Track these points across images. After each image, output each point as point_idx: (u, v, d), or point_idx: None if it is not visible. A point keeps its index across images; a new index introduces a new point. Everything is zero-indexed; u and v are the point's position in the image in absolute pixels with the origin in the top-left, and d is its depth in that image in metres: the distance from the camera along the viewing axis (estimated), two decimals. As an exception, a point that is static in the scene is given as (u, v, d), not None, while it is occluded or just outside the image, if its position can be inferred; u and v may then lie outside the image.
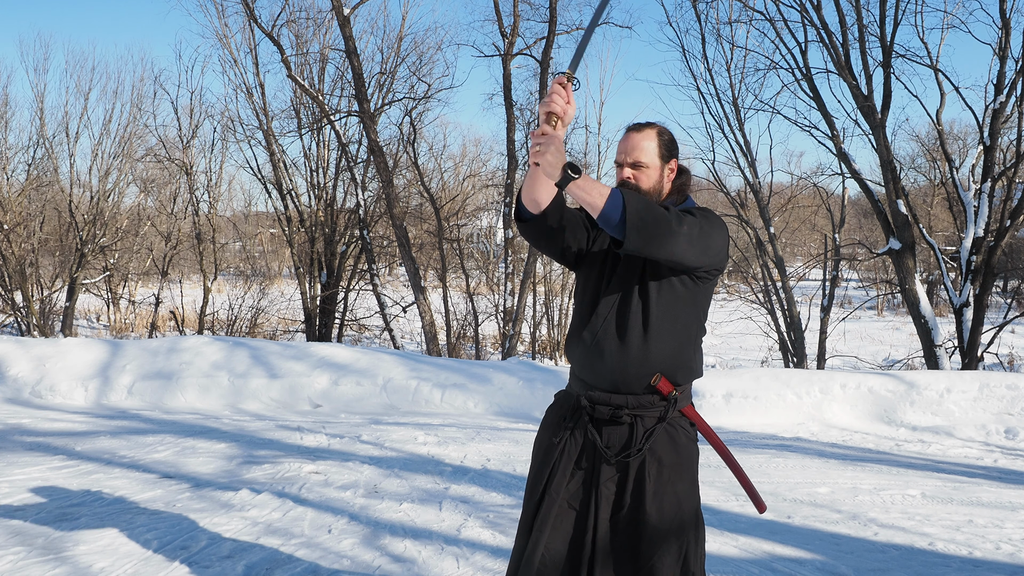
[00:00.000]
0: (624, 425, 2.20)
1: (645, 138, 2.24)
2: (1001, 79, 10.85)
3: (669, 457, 2.19)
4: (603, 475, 2.19)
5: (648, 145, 2.23)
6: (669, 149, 2.27)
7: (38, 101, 17.05)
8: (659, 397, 2.20)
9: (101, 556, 3.47)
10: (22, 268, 15.33)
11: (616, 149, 2.30)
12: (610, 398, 2.21)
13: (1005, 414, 6.96)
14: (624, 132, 2.28)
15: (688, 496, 2.20)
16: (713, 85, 14.24)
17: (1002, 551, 3.85)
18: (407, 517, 4.15)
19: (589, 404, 2.23)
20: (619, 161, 2.26)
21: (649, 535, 2.15)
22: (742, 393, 7.25)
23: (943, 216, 23.03)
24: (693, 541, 2.20)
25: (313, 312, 15.52)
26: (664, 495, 2.17)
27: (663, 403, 2.20)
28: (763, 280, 14.62)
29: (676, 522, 2.17)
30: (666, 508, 2.17)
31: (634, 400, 2.19)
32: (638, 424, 2.18)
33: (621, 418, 2.19)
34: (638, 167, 2.23)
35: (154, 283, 20.97)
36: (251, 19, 13.93)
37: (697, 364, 2.26)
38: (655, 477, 2.17)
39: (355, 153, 15.45)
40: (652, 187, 2.25)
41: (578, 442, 2.24)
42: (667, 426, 2.20)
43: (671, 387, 2.19)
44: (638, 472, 2.17)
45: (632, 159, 2.23)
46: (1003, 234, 10.62)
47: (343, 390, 7.56)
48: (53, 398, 7.47)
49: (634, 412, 2.19)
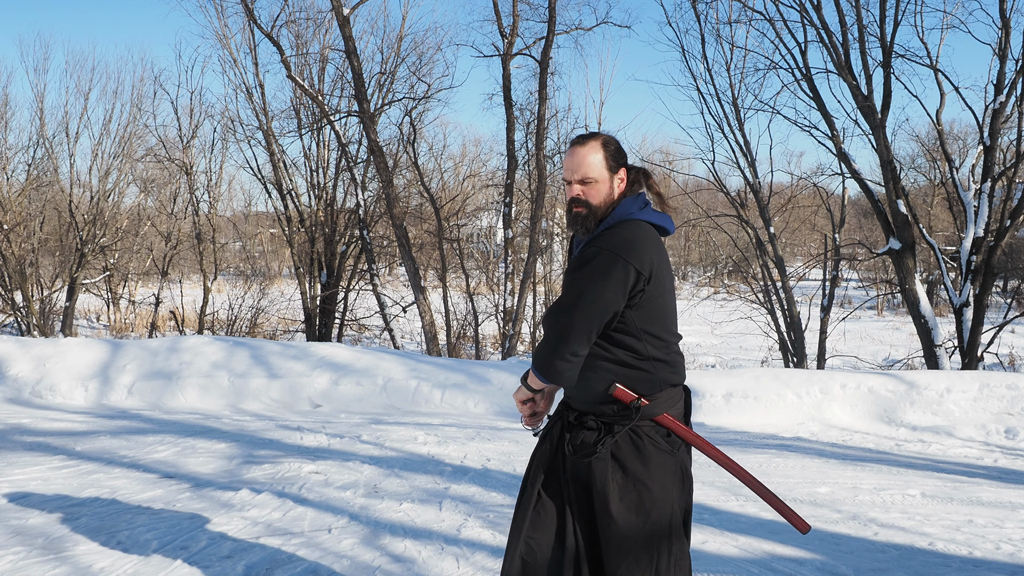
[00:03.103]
0: (592, 430, 2.24)
1: (590, 152, 2.24)
2: (1001, 79, 10.85)
3: (634, 466, 2.19)
4: (572, 478, 2.25)
5: (594, 159, 2.24)
6: (616, 159, 2.28)
7: (38, 101, 17.08)
8: (621, 406, 2.21)
9: (101, 556, 3.47)
10: (22, 268, 15.33)
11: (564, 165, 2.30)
12: (581, 406, 2.29)
13: (1005, 414, 6.96)
14: (568, 147, 2.29)
15: (657, 506, 2.18)
16: (713, 85, 14.24)
17: (1002, 551, 3.85)
18: (407, 517, 4.15)
19: (566, 408, 2.33)
20: (567, 179, 2.27)
21: (616, 543, 2.16)
22: (742, 393, 7.25)
23: (943, 216, 23.03)
24: (666, 554, 2.18)
25: (313, 312, 15.52)
26: (629, 504, 2.17)
27: (626, 411, 2.21)
28: (763, 280, 14.62)
29: (644, 533, 2.16)
30: (632, 517, 2.16)
31: (598, 410, 2.25)
32: (603, 430, 2.23)
33: (587, 423, 2.25)
34: (586, 183, 2.25)
35: (154, 283, 20.97)
36: (251, 19, 13.93)
37: (664, 373, 2.24)
38: (620, 485, 2.18)
39: (355, 153, 15.45)
40: (602, 200, 2.26)
41: (554, 445, 2.32)
42: (632, 435, 2.20)
43: (631, 396, 2.20)
44: (601, 477, 2.19)
45: (580, 175, 2.24)
46: (1003, 234, 10.62)
47: (343, 390, 7.56)
48: (53, 398, 7.47)
49: (601, 419, 2.24)
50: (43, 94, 18.82)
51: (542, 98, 13.29)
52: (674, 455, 2.24)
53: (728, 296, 26.73)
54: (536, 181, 13.75)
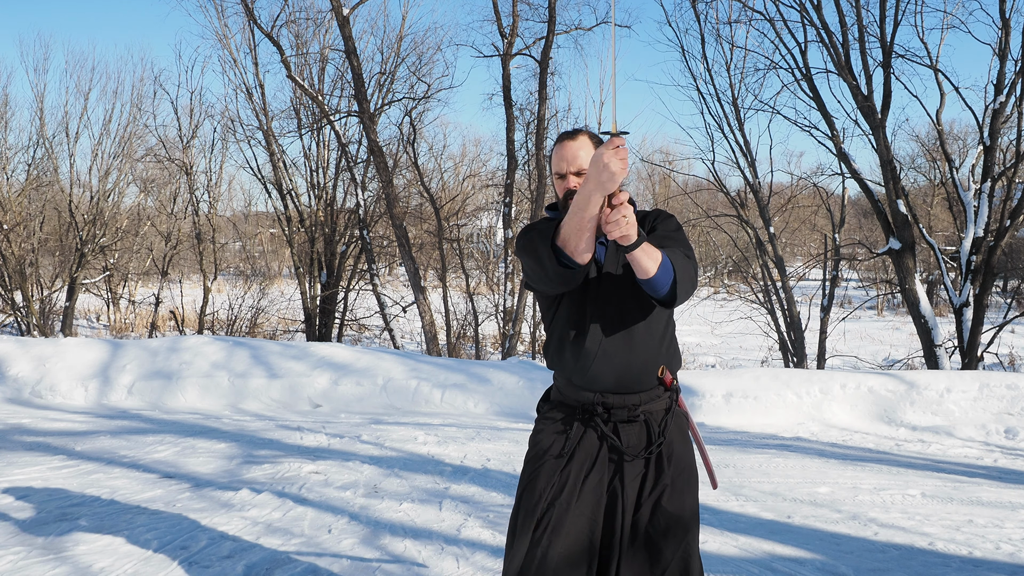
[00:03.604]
0: (638, 423, 2.25)
1: (582, 146, 2.26)
2: (1001, 79, 10.85)
3: (680, 447, 2.28)
4: (627, 475, 2.23)
5: (585, 153, 2.25)
6: None
7: (38, 101, 17.08)
8: (664, 388, 2.29)
9: (101, 556, 3.47)
10: (22, 268, 15.33)
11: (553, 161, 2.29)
12: (624, 399, 2.24)
13: (1005, 414, 6.96)
14: (556, 142, 2.29)
15: (695, 487, 2.30)
16: (713, 85, 14.24)
17: (1002, 551, 3.85)
18: (407, 517, 4.15)
19: (603, 408, 2.24)
20: (561, 172, 2.25)
21: (673, 524, 2.22)
22: (742, 393, 7.25)
23: (943, 216, 23.02)
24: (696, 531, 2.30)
25: (313, 312, 15.52)
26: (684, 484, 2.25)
27: (668, 394, 2.29)
28: (763, 280, 14.62)
29: (692, 513, 2.26)
30: (686, 500, 2.25)
31: (645, 396, 2.26)
32: (651, 421, 2.25)
33: (637, 416, 2.25)
34: (582, 174, 2.25)
35: (154, 283, 20.97)
36: (250, 20, 13.93)
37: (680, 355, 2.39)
38: (675, 466, 2.25)
39: (355, 153, 15.45)
40: None
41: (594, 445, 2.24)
42: (676, 417, 2.30)
43: (672, 378, 2.29)
44: (657, 465, 2.24)
45: (576, 167, 2.25)
46: (1003, 234, 10.62)
47: (343, 390, 7.56)
48: (53, 398, 7.47)
49: (646, 408, 2.26)
50: (43, 94, 18.84)
51: (542, 98, 13.29)
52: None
53: (728, 296, 26.73)
54: (536, 181, 13.76)
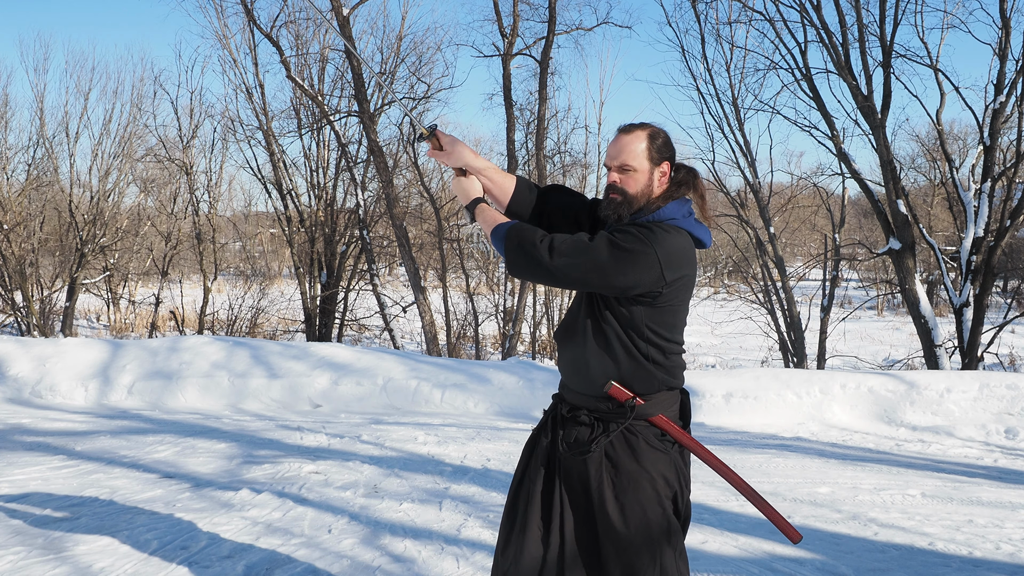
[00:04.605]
0: (585, 426, 2.23)
1: (634, 140, 2.22)
2: (1001, 79, 10.85)
3: (628, 464, 2.18)
4: (565, 475, 2.24)
5: (636, 148, 2.21)
6: (661, 151, 2.23)
7: (38, 101, 17.07)
8: (615, 404, 2.20)
9: (101, 556, 3.47)
10: (22, 268, 15.33)
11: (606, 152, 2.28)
12: (576, 399, 2.28)
13: (1005, 414, 6.96)
14: (615, 134, 2.27)
15: (652, 504, 2.17)
16: (713, 85, 14.25)
17: (1002, 551, 3.84)
18: (407, 517, 4.15)
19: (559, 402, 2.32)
20: (607, 164, 2.26)
21: (615, 542, 2.16)
22: (742, 393, 7.25)
23: (943, 216, 23.02)
24: (670, 551, 2.17)
25: (313, 312, 15.52)
26: (625, 502, 2.16)
27: (620, 409, 2.20)
28: (763, 280, 14.62)
29: (643, 531, 2.15)
30: (629, 516, 2.16)
31: (593, 404, 2.24)
32: (597, 426, 2.22)
33: (580, 417, 2.24)
34: (625, 171, 2.22)
35: (154, 283, 20.98)
36: (250, 20, 13.93)
37: (661, 376, 2.22)
38: (614, 483, 2.18)
39: (355, 153, 15.45)
40: (640, 191, 2.22)
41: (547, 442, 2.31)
42: (627, 433, 2.19)
43: (627, 395, 2.19)
44: (596, 476, 2.19)
45: (619, 162, 2.22)
46: (1003, 234, 10.62)
47: (343, 390, 7.56)
48: (53, 398, 7.47)
49: (594, 415, 2.23)
50: (43, 94, 18.80)
51: (542, 98, 13.29)
52: (668, 453, 2.22)
53: (728, 296, 26.73)
54: (536, 181, 13.75)
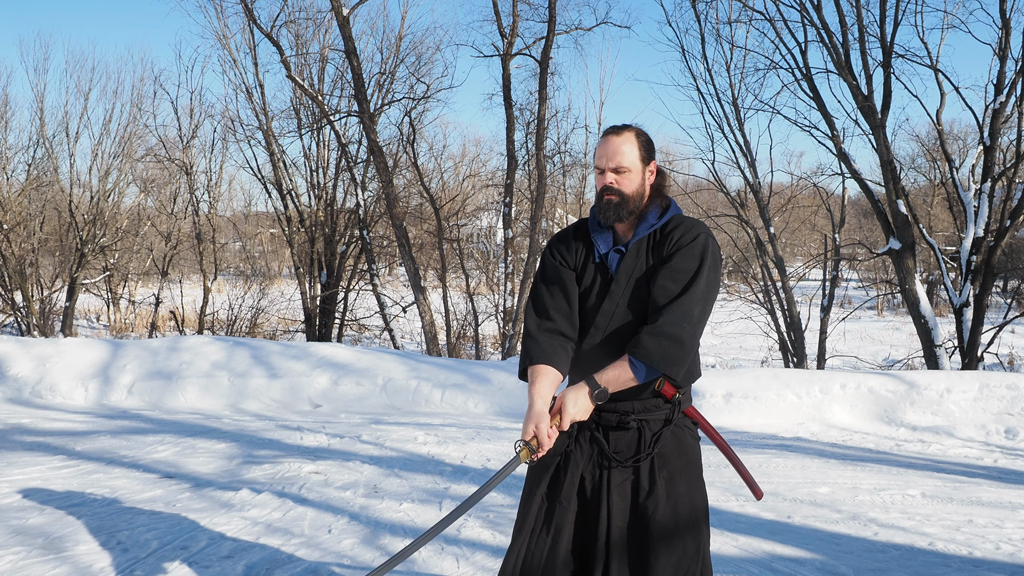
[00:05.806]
0: (631, 430, 2.21)
1: (625, 141, 2.23)
2: (1001, 79, 10.84)
3: (677, 459, 2.22)
4: (613, 481, 2.20)
5: (629, 149, 2.22)
6: (648, 151, 2.28)
7: (38, 101, 17.05)
8: (663, 400, 2.23)
9: (101, 556, 3.47)
10: (22, 268, 15.33)
11: (596, 155, 2.27)
12: (616, 405, 2.22)
13: (1005, 414, 6.96)
14: (602, 136, 2.27)
15: (698, 493, 2.24)
16: (713, 85, 14.23)
17: (1002, 551, 3.85)
18: (407, 517, 4.15)
19: (595, 412, 2.22)
20: (600, 166, 2.25)
21: (667, 536, 2.16)
22: (742, 393, 7.25)
23: (943, 216, 23.01)
24: (706, 533, 2.24)
25: (313, 312, 15.52)
26: (678, 497, 2.19)
27: (668, 406, 2.23)
28: (763, 280, 14.61)
29: (691, 520, 2.20)
30: (681, 510, 2.19)
31: (639, 405, 2.22)
32: (645, 429, 2.21)
33: (628, 424, 2.21)
34: (620, 171, 2.23)
35: (154, 283, 20.97)
36: (250, 20, 13.91)
37: (695, 366, 2.28)
38: (667, 480, 2.19)
39: (355, 153, 15.44)
40: (635, 191, 2.24)
41: (584, 449, 2.24)
42: (674, 428, 2.23)
43: (674, 390, 2.21)
44: (650, 476, 2.19)
45: (614, 164, 2.22)
46: (1003, 234, 10.62)
47: (343, 390, 7.56)
48: (53, 398, 7.47)
49: (640, 417, 2.21)
50: (43, 94, 18.77)
51: (542, 98, 13.28)
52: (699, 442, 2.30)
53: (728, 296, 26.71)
54: (536, 181, 13.74)
